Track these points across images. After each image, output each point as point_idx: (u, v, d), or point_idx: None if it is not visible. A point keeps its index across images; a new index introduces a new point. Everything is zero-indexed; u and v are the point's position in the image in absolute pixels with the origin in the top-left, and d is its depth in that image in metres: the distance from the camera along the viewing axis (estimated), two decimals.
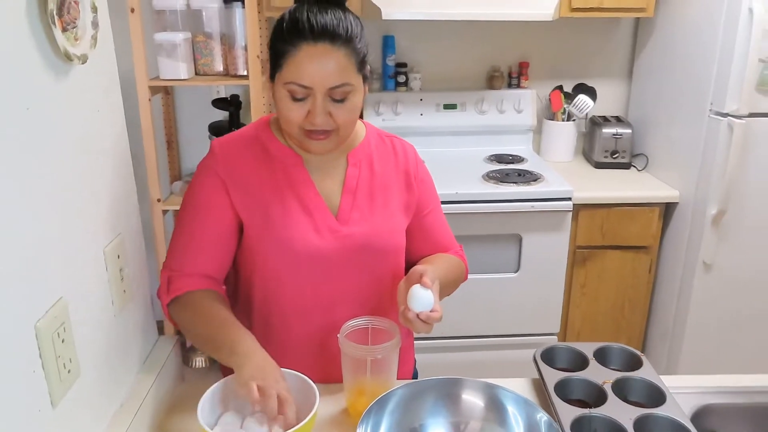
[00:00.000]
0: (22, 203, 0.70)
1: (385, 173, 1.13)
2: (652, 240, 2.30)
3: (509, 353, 2.35)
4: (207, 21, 2.14)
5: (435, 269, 1.02)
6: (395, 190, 1.14)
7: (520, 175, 2.30)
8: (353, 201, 1.09)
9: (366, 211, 1.10)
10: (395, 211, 1.13)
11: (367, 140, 1.14)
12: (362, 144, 1.13)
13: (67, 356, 0.77)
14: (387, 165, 1.14)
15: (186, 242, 1.06)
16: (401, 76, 2.59)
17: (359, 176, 1.11)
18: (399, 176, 1.15)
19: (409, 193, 1.15)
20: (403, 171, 1.15)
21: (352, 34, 0.96)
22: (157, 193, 2.19)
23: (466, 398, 0.97)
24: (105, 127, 0.94)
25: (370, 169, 1.12)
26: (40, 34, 0.73)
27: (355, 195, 1.10)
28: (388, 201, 1.12)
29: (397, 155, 1.16)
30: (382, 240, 1.10)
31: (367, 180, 1.11)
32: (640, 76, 2.61)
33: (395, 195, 1.14)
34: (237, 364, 0.91)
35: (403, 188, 1.15)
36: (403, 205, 1.15)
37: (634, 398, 1.04)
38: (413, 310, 0.94)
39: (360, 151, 1.12)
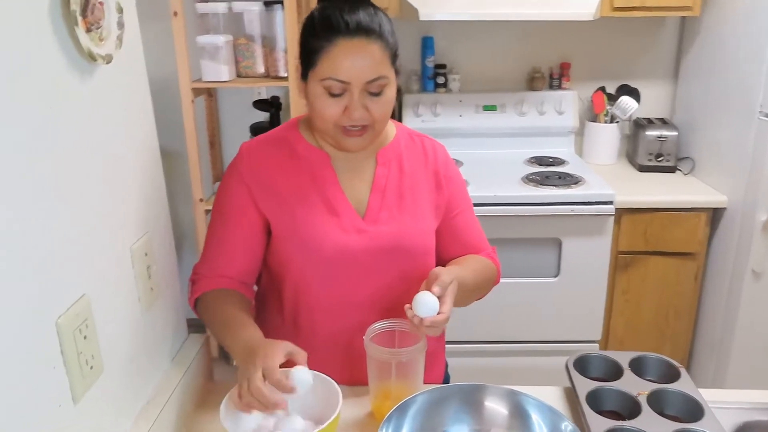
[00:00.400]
0: (45, 201, 0.72)
1: (415, 173, 1.12)
2: (699, 246, 2.20)
3: (547, 360, 2.29)
4: (248, 24, 2.18)
5: (456, 272, 1.00)
6: (425, 191, 1.12)
7: (561, 177, 2.24)
8: (382, 200, 1.08)
9: (395, 211, 1.08)
10: (425, 212, 1.11)
11: (396, 140, 1.13)
12: (392, 143, 1.12)
13: (90, 352, 0.78)
14: (416, 165, 1.13)
15: (211, 246, 1.09)
16: (440, 78, 2.57)
17: (388, 175, 1.10)
18: (428, 176, 1.13)
19: (438, 194, 1.13)
20: (433, 171, 1.14)
21: (384, 27, 0.98)
22: (199, 193, 2.23)
23: (490, 405, 0.94)
24: (132, 127, 0.96)
25: (400, 168, 1.11)
26: (63, 35, 0.75)
27: (384, 194, 1.09)
28: (417, 201, 1.11)
29: (426, 155, 1.15)
30: (411, 241, 1.08)
31: (396, 179, 1.10)
32: (686, 76, 2.50)
33: (425, 195, 1.12)
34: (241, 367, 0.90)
35: (432, 189, 1.13)
36: (433, 206, 1.13)
37: (671, 412, 0.98)
38: (417, 315, 0.92)
39: (389, 151, 1.12)
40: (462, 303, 1.07)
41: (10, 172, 0.66)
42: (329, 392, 0.94)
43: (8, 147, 0.66)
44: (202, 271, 1.09)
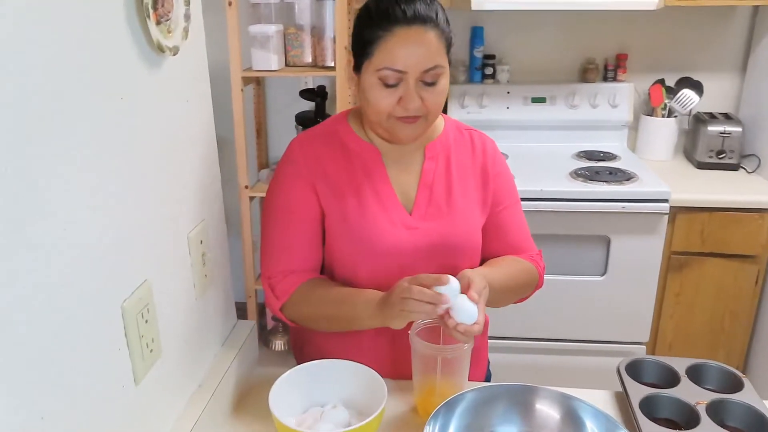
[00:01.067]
0: (113, 189, 0.74)
1: (463, 168, 1.11)
2: (762, 249, 2.10)
3: (592, 360, 2.24)
4: (299, 13, 2.19)
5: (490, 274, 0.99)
6: (472, 186, 1.11)
7: (611, 173, 2.17)
8: (430, 196, 1.07)
9: (443, 207, 1.07)
10: (472, 208, 1.10)
11: (445, 133, 1.12)
12: (440, 137, 1.11)
13: (150, 336, 0.81)
14: (464, 159, 1.11)
15: (279, 246, 1.08)
16: (488, 68, 2.52)
17: (436, 170, 1.09)
18: (476, 171, 1.12)
19: (485, 190, 1.12)
20: (480, 166, 1.12)
21: (440, 15, 0.97)
22: (245, 180, 2.28)
23: (541, 408, 0.92)
24: (193, 116, 0.97)
25: (447, 163, 1.10)
26: (135, 27, 0.76)
27: (432, 189, 1.08)
28: (465, 197, 1.09)
29: (474, 149, 1.13)
30: (458, 237, 1.07)
31: (444, 174, 1.09)
32: (756, 69, 2.37)
33: (472, 191, 1.10)
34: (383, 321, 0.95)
35: (479, 184, 1.11)
36: (480, 202, 1.11)
37: (732, 423, 0.94)
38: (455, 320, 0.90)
39: (438, 144, 1.10)
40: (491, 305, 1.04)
41: (82, 162, 0.68)
42: (374, 385, 0.94)
43: (82, 137, 0.67)
44: (278, 271, 1.07)
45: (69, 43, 0.65)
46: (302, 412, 0.97)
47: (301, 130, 2.39)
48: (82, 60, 0.67)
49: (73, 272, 0.66)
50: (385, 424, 0.97)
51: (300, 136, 1.11)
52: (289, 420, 0.91)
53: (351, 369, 0.98)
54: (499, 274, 1.04)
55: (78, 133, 0.67)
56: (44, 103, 0.61)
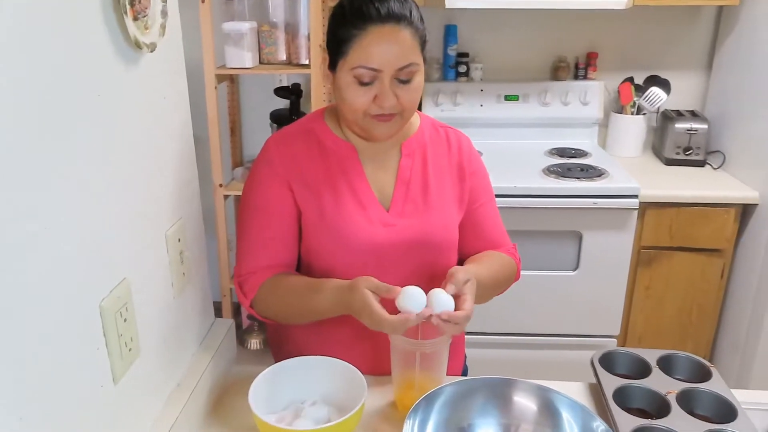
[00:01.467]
0: (91, 187, 0.73)
1: (439, 165, 1.12)
2: (726, 243, 2.17)
3: (564, 354, 2.29)
4: (273, 10, 2.17)
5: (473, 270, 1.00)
6: (448, 183, 1.12)
7: (583, 170, 2.22)
8: (406, 193, 1.08)
9: (419, 204, 1.08)
10: (449, 205, 1.11)
11: (421, 130, 1.13)
12: (416, 134, 1.12)
13: (129, 335, 0.80)
14: (440, 156, 1.13)
15: (253, 245, 1.08)
16: (462, 66, 2.54)
17: (412, 167, 1.10)
18: (452, 168, 1.13)
19: (462, 187, 1.13)
20: (457, 163, 1.13)
21: (414, 12, 0.98)
22: (219, 179, 2.26)
23: (518, 400, 0.94)
24: (170, 114, 0.96)
25: (424, 160, 1.11)
26: (112, 23, 0.75)
27: (409, 186, 1.09)
28: (441, 194, 1.10)
29: (450, 147, 1.14)
30: (435, 233, 1.08)
31: (421, 171, 1.10)
32: (720, 68, 2.45)
33: (448, 188, 1.12)
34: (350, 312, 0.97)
35: (456, 181, 1.13)
36: (457, 199, 1.12)
37: (701, 412, 0.98)
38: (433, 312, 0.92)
39: (414, 142, 1.11)
40: (480, 300, 1.06)
41: (59, 159, 0.67)
42: (353, 381, 0.95)
43: (58, 134, 0.66)
44: (248, 268, 1.07)
45: (44, 39, 0.64)
46: (282, 409, 0.97)
47: (276, 128, 2.38)
48: (58, 56, 0.66)
49: (51, 271, 0.65)
50: (365, 420, 0.98)
51: (276, 135, 1.11)
52: (269, 417, 0.91)
53: (330, 365, 0.99)
54: (485, 271, 1.06)
55: (54, 130, 0.66)
56: (18, 101, 0.60)
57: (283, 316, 1.08)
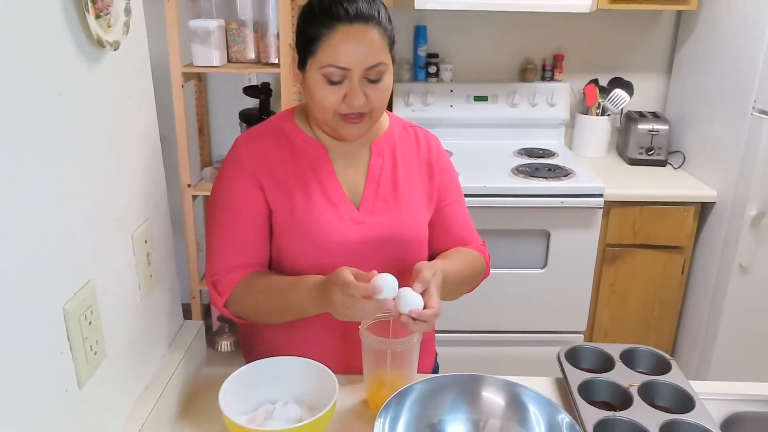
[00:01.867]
0: (53, 187, 0.72)
1: (408, 163, 1.13)
2: (687, 240, 2.24)
3: (534, 350, 2.33)
4: (241, 8, 2.15)
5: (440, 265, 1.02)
6: (418, 181, 1.13)
7: (551, 170, 2.26)
8: (377, 191, 1.09)
9: (389, 202, 1.09)
10: (418, 203, 1.12)
11: (390, 130, 1.14)
12: (385, 133, 1.13)
13: (94, 338, 0.78)
14: (410, 155, 1.14)
15: (223, 243, 1.07)
16: (432, 67, 2.56)
17: (382, 166, 1.11)
18: (421, 167, 1.14)
19: (431, 185, 1.14)
20: (426, 161, 1.15)
21: (382, 12, 0.99)
22: (187, 179, 2.23)
23: (487, 396, 0.96)
24: (136, 113, 0.95)
25: (393, 158, 1.12)
26: (73, 21, 0.74)
27: (379, 185, 1.10)
28: (411, 191, 1.12)
29: (419, 145, 1.15)
30: (406, 231, 1.09)
31: (390, 170, 1.11)
32: (680, 71, 2.53)
33: (418, 186, 1.13)
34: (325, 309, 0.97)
35: (425, 179, 1.14)
36: (426, 197, 1.14)
37: (662, 403, 1.01)
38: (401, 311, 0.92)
39: (383, 141, 1.12)
40: (449, 296, 1.08)
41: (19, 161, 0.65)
42: (325, 380, 0.95)
43: (18, 133, 0.65)
44: (220, 266, 1.06)
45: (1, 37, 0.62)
46: (253, 410, 0.97)
47: (245, 127, 2.36)
48: (16, 55, 0.64)
49: (12, 274, 0.64)
50: (337, 419, 0.98)
51: (245, 134, 1.10)
52: (240, 418, 0.91)
53: (301, 365, 0.99)
54: (453, 267, 1.07)
55: (14, 130, 0.64)
56: None
57: (258, 315, 1.08)
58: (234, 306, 1.06)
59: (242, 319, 1.08)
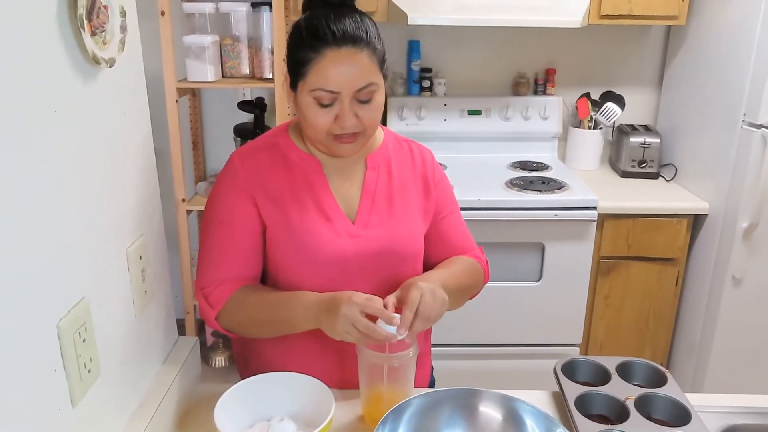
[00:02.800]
0: (48, 204, 0.71)
1: (404, 177, 1.13)
2: (680, 252, 2.25)
3: (529, 363, 2.32)
4: (235, 24, 2.17)
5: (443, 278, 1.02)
6: (414, 195, 1.14)
7: (544, 183, 2.27)
8: (372, 204, 1.09)
9: (385, 215, 1.09)
10: (414, 216, 1.13)
11: (385, 144, 1.14)
12: (380, 148, 1.13)
13: (88, 356, 0.78)
14: (405, 169, 1.14)
15: (215, 256, 1.07)
16: (426, 81, 2.58)
17: (377, 179, 1.11)
18: (417, 181, 1.15)
19: (427, 199, 1.15)
20: (421, 175, 1.15)
21: (371, 33, 0.98)
22: (182, 193, 2.22)
23: (484, 410, 0.96)
24: (131, 130, 0.95)
25: (389, 172, 1.12)
26: (69, 38, 0.74)
27: (374, 198, 1.10)
28: (406, 205, 1.12)
29: (414, 160, 1.16)
30: (401, 244, 1.09)
31: (386, 183, 1.11)
32: (670, 84, 2.56)
33: (414, 199, 1.13)
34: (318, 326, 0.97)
35: (421, 193, 1.14)
36: (422, 210, 1.14)
37: (658, 416, 1.01)
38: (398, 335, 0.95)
39: (378, 155, 1.13)
40: (452, 305, 1.08)
41: (14, 176, 0.65)
42: (321, 396, 0.95)
43: (13, 150, 0.65)
44: (211, 279, 1.06)
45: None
46: (249, 427, 0.96)
47: (239, 142, 2.36)
48: (11, 72, 0.64)
49: (5, 291, 0.63)
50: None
51: (240, 149, 1.11)
52: None
53: (297, 381, 0.98)
54: (453, 277, 1.08)
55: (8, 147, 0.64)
56: None
57: (248, 329, 1.07)
58: (225, 319, 1.06)
59: (232, 332, 1.08)
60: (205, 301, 1.06)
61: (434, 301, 0.97)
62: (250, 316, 1.04)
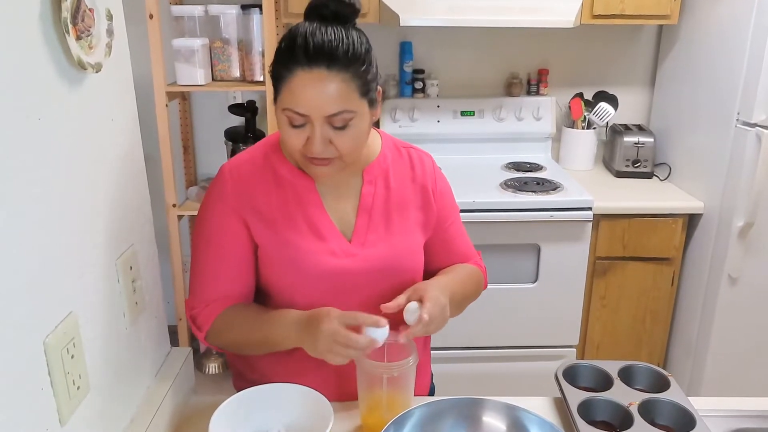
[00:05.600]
0: (32, 215, 0.69)
1: (402, 189, 1.09)
2: (675, 252, 2.24)
3: (527, 365, 2.30)
4: (225, 27, 2.14)
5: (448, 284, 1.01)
6: (412, 207, 1.10)
7: (539, 183, 2.26)
8: (369, 221, 1.06)
9: (382, 232, 1.06)
10: (413, 230, 1.09)
11: (383, 154, 1.09)
12: (378, 159, 1.09)
13: (77, 372, 0.75)
14: (404, 180, 1.10)
15: (204, 278, 1.05)
16: (418, 83, 2.56)
17: (375, 194, 1.07)
18: (416, 192, 1.10)
19: (427, 211, 1.11)
20: (421, 186, 1.11)
21: (352, 56, 0.89)
22: (173, 199, 2.19)
23: (487, 420, 0.94)
24: (119, 136, 0.92)
25: (387, 186, 1.08)
26: (53, 43, 0.72)
27: (371, 215, 1.06)
28: (405, 219, 1.08)
29: (414, 169, 1.11)
30: (401, 261, 1.07)
31: (383, 198, 1.07)
32: (663, 84, 2.55)
33: (412, 212, 1.10)
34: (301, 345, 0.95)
35: (420, 205, 1.10)
36: (421, 224, 1.11)
37: (662, 421, 0.99)
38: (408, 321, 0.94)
39: (376, 167, 1.08)
40: (454, 312, 1.06)
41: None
42: (318, 408, 0.92)
43: None
44: (199, 300, 1.04)
45: None
46: None
47: (231, 145, 2.33)
48: None
49: None
50: None
51: (230, 163, 1.06)
52: None
53: (294, 392, 0.96)
54: (456, 285, 1.06)
55: None
56: None
57: (238, 348, 1.06)
58: (214, 339, 1.04)
59: (224, 350, 1.06)
60: (193, 323, 1.05)
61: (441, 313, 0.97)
62: (237, 335, 1.02)
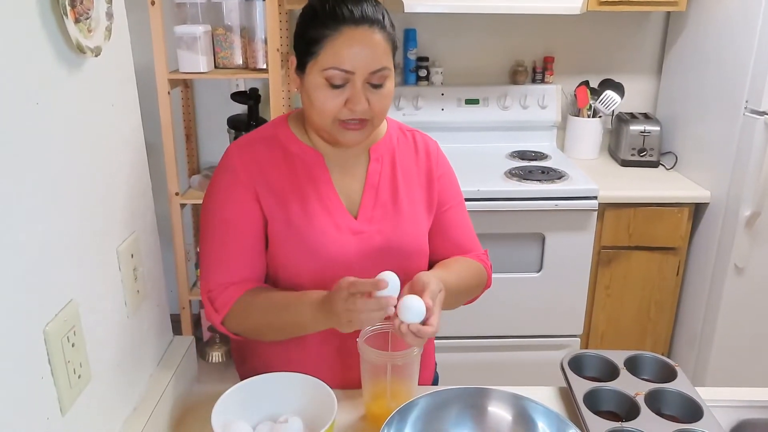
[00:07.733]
0: (31, 202, 0.68)
1: (407, 169, 1.10)
2: (681, 241, 2.23)
3: (531, 354, 2.30)
4: (227, 14, 2.12)
5: (444, 276, 0.98)
6: (417, 188, 1.10)
7: (544, 172, 2.24)
8: (375, 198, 1.06)
9: (389, 209, 1.06)
10: (418, 210, 1.09)
11: (389, 135, 1.11)
12: (384, 139, 1.10)
13: (78, 361, 0.74)
14: (409, 161, 1.11)
15: (218, 258, 1.03)
16: (422, 70, 2.54)
17: (381, 172, 1.07)
18: (420, 173, 1.11)
19: (430, 193, 1.11)
20: (425, 168, 1.11)
21: (387, 19, 0.96)
22: (175, 187, 2.18)
23: (493, 410, 0.93)
24: (120, 122, 0.91)
25: (393, 164, 1.09)
26: (51, 26, 0.70)
27: (378, 192, 1.06)
28: (411, 198, 1.08)
29: (418, 151, 1.12)
30: (405, 240, 1.06)
31: (390, 176, 1.08)
32: (670, 72, 2.52)
33: (417, 192, 1.10)
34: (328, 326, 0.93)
35: (424, 186, 1.11)
36: (425, 204, 1.11)
37: (669, 412, 0.98)
38: (403, 321, 0.88)
39: (382, 146, 1.09)
40: (447, 307, 1.04)
41: None
42: (323, 396, 0.91)
43: None
44: (217, 282, 1.02)
45: None
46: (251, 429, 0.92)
47: (234, 133, 2.31)
48: None
49: None
50: None
51: (238, 141, 1.06)
52: None
53: (298, 381, 0.95)
54: (452, 277, 1.04)
55: None
56: None
57: (258, 333, 1.04)
58: (232, 323, 1.02)
59: (239, 336, 1.04)
60: (210, 305, 1.02)
61: None
62: (258, 320, 1.01)
